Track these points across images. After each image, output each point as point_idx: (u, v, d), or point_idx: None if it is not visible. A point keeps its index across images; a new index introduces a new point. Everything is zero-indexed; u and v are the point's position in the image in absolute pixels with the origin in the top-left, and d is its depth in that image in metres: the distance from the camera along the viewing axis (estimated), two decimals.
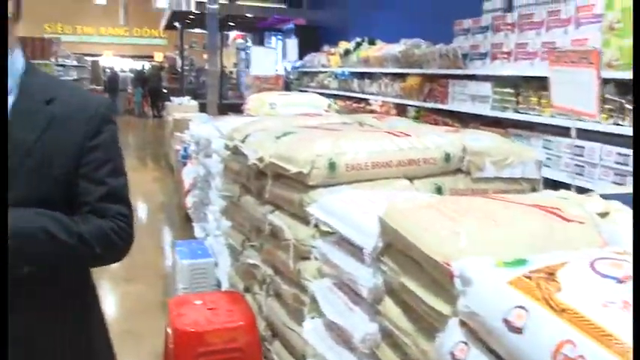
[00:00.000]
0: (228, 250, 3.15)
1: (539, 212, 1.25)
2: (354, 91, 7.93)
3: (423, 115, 5.76)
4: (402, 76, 6.42)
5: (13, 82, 1.29)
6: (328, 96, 7.25)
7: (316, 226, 1.83)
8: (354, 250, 1.46)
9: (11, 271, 1.16)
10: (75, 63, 14.99)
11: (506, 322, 0.87)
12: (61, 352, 1.35)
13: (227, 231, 3.03)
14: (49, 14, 23.00)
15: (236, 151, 2.67)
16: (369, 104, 7.20)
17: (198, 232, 4.64)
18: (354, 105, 7.62)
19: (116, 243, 1.32)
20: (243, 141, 2.59)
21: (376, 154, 1.98)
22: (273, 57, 6.57)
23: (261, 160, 2.26)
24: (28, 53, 9.78)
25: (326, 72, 9.18)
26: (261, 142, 2.37)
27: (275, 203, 2.26)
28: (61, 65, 12.19)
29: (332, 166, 1.91)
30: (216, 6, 8.26)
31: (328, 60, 9.02)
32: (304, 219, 1.97)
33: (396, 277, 1.27)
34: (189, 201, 5.32)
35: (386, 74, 6.91)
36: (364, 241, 1.39)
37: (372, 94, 7.28)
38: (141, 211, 6.98)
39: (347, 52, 8.12)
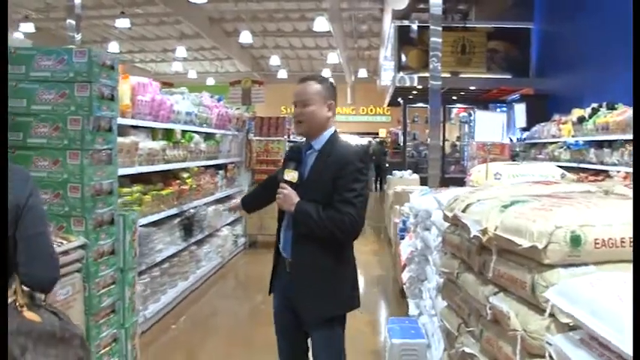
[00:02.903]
0: (443, 333, 2.81)
1: None
2: (590, 162, 7.09)
3: None
4: None
5: (320, 145, 2.67)
6: (560, 168, 6.57)
7: (552, 315, 1.45)
8: (609, 355, 1.07)
9: (299, 229, 2.60)
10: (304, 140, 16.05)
11: None
12: (323, 271, 2.63)
13: (442, 312, 2.70)
14: (287, 98, 25.44)
15: (456, 223, 2.39)
16: (610, 176, 6.36)
17: (412, 309, 4.36)
18: (591, 177, 6.79)
19: (342, 227, 2.51)
20: (464, 211, 2.30)
21: None
22: (499, 122, 6.18)
23: (484, 232, 1.94)
24: (265, 130, 10.70)
25: (556, 142, 8.44)
26: (484, 212, 2.05)
27: (500, 284, 1.90)
28: (292, 141, 13.11)
29: (576, 240, 1.52)
30: (439, 82, 8.15)
31: (559, 129, 8.29)
32: (536, 306, 1.59)
33: None
34: (404, 276, 5.08)
35: (630, 141, 6.05)
36: (625, 345, 1.00)
37: (613, 164, 6.43)
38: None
39: (581, 120, 7.36)
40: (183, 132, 5.86)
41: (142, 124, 4.76)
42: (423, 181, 8.95)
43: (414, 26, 12.07)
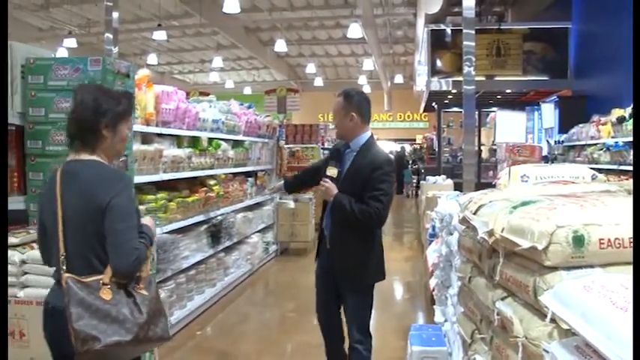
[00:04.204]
0: (460, 340, 2.71)
1: None
2: (631, 164, 6.82)
3: None
4: None
5: (357, 146, 3.29)
6: (599, 171, 6.34)
7: (554, 321, 1.36)
8: None
9: (336, 216, 3.24)
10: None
11: None
12: (354, 249, 3.23)
13: (459, 318, 2.61)
14: (323, 105, 25.51)
15: (468, 225, 2.30)
16: None
17: (438, 316, 4.23)
18: (631, 180, 6.52)
19: (369, 217, 3.11)
20: (475, 213, 2.22)
21: None
22: (521, 122, 5.97)
23: (490, 233, 1.86)
24: (299, 138, 10.71)
25: (595, 144, 8.16)
26: (494, 214, 1.97)
27: (507, 288, 1.81)
28: (326, 149, 13.07)
29: (578, 240, 1.42)
30: (472, 87, 7.96)
31: (598, 130, 8.01)
32: (540, 310, 1.50)
33: None
34: (432, 282, 4.96)
35: None
36: (618, 355, 0.91)
37: None
38: (388, 291, 6.79)
39: (621, 120, 7.08)
40: (210, 139, 5.89)
41: (166, 131, 4.79)
42: (458, 187, 8.76)
43: (448, 30, 11.91)
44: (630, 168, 6.80)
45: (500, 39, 11.39)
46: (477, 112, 11.27)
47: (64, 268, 2.06)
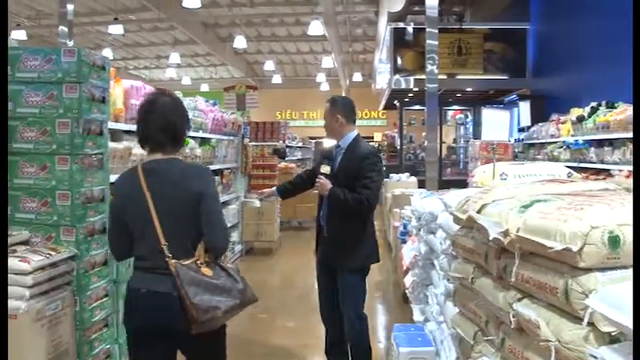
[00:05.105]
0: (456, 342, 2.66)
1: None
2: (591, 162, 6.97)
3: None
4: None
5: (345, 144, 3.67)
6: None
7: (591, 324, 1.31)
8: None
9: (332, 208, 3.59)
10: (300, 144, 15.93)
11: None
12: (349, 235, 3.57)
13: (455, 319, 2.55)
14: (281, 103, 25.39)
15: (470, 225, 2.25)
16: (611, 175, 6.25)
17: (417, 315, 4.20)
18: (592, 177, 6.67)
19: (360, 204, 3.43)
20: (478, 212, 2.16)
21: None
22: (506, 120, 6.04)
23: (505, 234, 1.81)
24: (260, 135, 10.50)
25: (556, 142, 8.33)
26: (503, 213, 1.92)
27: (524, 289, 1.76)
28: (288, 146, 12.97)
29: (614, 241, 1.38)
30: (435, 85, 8.00)
31: (558, 129, 8.18)
32: (568, 313, 1.45)
33: None
34: (407, 280, 4.93)
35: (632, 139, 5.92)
36: None
37: (615, 163, 6.31)
38: None
39: (580, 119, 7.24)
40: None
41: (136, 128, 4.60)
42: (421, 184, 8.82)
43: (410, 28, 11.98)
44: (590, 165, 6.97)
45: (462, 38, 11.55)
46: (439, 111, 11.41)
47: (170, 255, 2.30)
